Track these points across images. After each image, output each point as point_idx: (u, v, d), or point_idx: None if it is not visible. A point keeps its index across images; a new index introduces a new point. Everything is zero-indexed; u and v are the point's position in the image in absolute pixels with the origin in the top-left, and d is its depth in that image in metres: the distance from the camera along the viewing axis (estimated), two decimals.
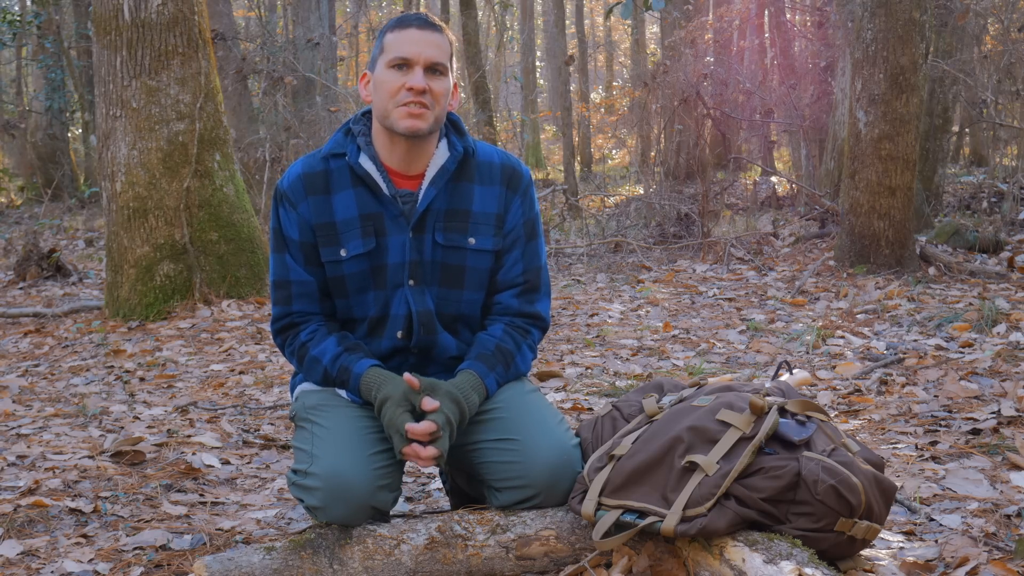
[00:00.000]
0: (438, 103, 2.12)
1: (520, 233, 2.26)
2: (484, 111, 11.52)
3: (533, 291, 2.29)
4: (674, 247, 7.97)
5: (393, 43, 2.12)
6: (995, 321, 4.50)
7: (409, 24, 2.13)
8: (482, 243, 2.22)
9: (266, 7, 14.75)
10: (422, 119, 2.10)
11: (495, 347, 2.22)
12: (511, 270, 2.26)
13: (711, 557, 1.92)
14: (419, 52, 2.10)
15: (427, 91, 2.10)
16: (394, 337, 2.22)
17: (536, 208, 2.30)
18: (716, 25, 13.13)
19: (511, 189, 2.24)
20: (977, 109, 9.38)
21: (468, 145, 2.22)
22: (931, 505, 2.41)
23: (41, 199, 12.96)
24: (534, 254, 2.28)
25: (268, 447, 3.27)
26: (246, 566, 1.94)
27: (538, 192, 10.35)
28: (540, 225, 2.31)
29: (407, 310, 2.20)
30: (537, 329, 2.31)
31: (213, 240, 5.79)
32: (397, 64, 2.11)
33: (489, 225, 2.22)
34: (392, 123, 2.12)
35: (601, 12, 27.67)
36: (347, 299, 2.23)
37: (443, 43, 2.14)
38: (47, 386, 4.29)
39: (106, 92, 5.73)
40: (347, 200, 2.18)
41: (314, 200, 2.19)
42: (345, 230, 2.18)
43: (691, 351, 4.55)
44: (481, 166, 2.23)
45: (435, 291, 2.22)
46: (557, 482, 2.12)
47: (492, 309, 2.28)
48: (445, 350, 2.25)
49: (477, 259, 2.22)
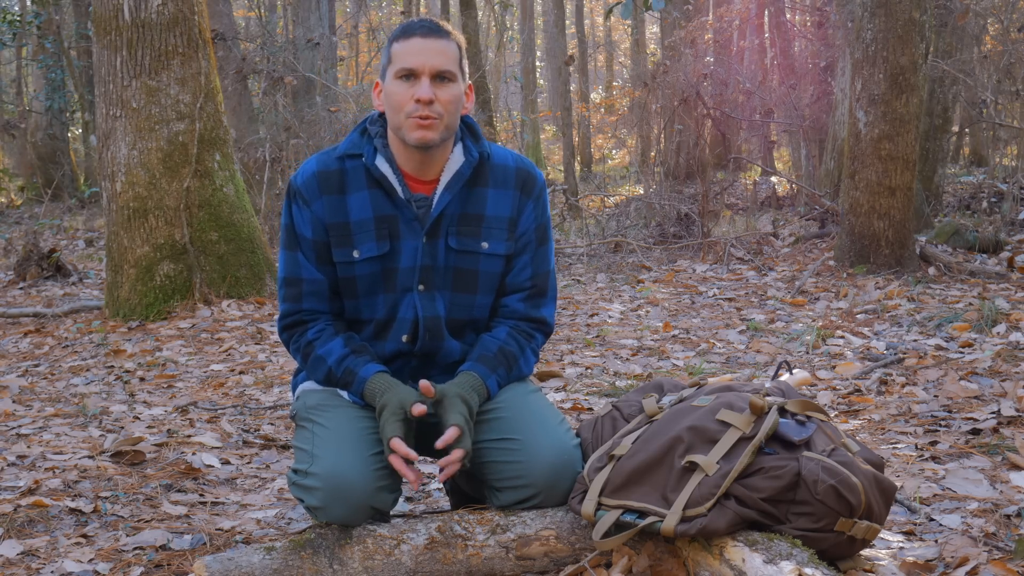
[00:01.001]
0: (448, 112, 2.11)
1: (532, 237, 2.26)
2: (484, 111, 11.51)
3: (540, 296, 2.28)
4: (674, 247, 7.97)
5: (399, 53, 2.11)
6: (995, 321, 4.50)
7: (413, 33, 2.12)
8: (495, 247, 2.22)
9: (266, 7, 14.75)
10: (432, 130, 2.09)
11: (498, 349, 2.22)
12: (520, 274, 2.26)
13: (711, 557, 1.92)
14: (424, 62, 2.08)
15: (435, 100, 2.08)
16: (399, 340, 2.22)
17: (548, 213, 2.30)
18: (716, 25, 13.13)
19: (524, 193, 2.24)
20: (977, 109, 9.38)
21: (484, 150, 2.21)
22: (931, 505, 2.41)
23: (41, 199, 12.96)
24: (544, 259, 2.28)
25: (268, 447, 3.27)
26: (246, 566, 1.94)
27: None
28: (551, 230, 2.31)
29: (414, 315, 2.20)
30: (541, 334, 2.31)
31: (213, 240, 5.79)
32: (404, 75, 2.10)
33: (502, 229, 2.22)
34: (403, 135, 2.12)
35: (601, 12, 27.66)
36: (356, 300, 2.23)
37: (449, 49, 2.12)
38: (47, 386, 4.29)
39: (106, 92, 5.73)
40: (362, 201, 2.17)
41: (328, 199, 2.18)
42: (359, 231, 2.17)
43: (691, 351, 4.55)
44: (495, 169, 2.23)
45: (448, 296, 2.22)
46: (557, 482, 2.12)
47: (498, 312, 2.28)
48: (449, 355, 2.25)
49: (490, 263, 2.22)
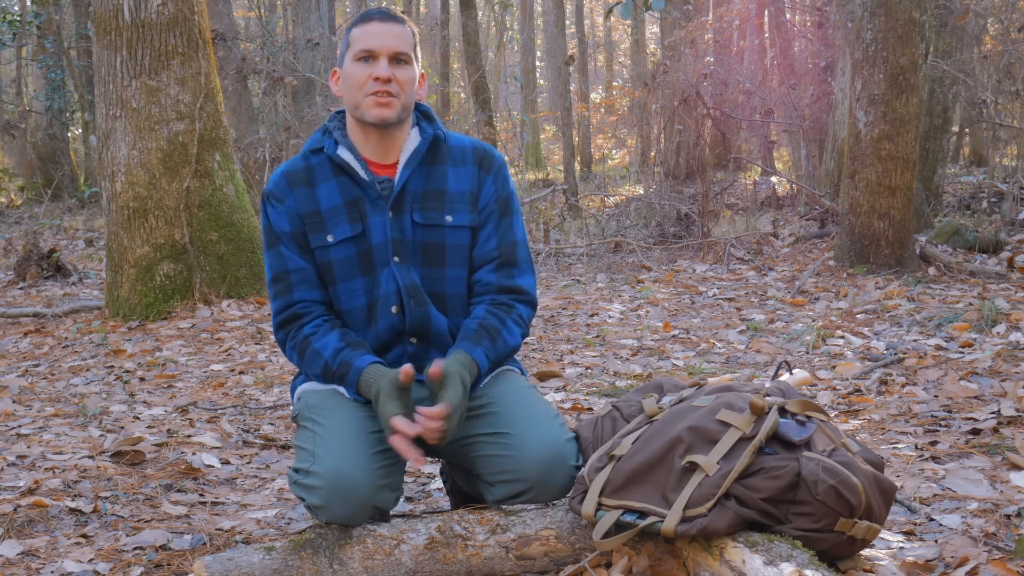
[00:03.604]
0: (404, 91, 2.21)
1: (493, 209, 2.31)
2: (484, 111, 11.52)
3: (510, 265, 2.31)
4: (674, 247, 7.97)
5: (358, 37, 2.22)
6: (995, 321, 4.50)
7: (371, 18, 2.23)
8: (459, 219, 2.27)
9: (266, 7, 14.76)
10: (390, 107, 2.19)
11: (478, 326, 2.24)
12: (485, 244, 2.30)
13: (711, 558, 1.92)
14: (382, 43, 2.19)
15: (392, 80, 2.18)
16: (389, 314, 2.25)
17: (510, 187, 2.35)
18: (716, 25, 13.13)
19: (484, 169, 2.31)
20: (977, 109, 9.38)
21: (439, 130, 2.31)
22: (931, 505, 2.41)
23: (41, 199, 12.96)
24: (508, 229, 2.32)
25: (268, 447, 3.27)
26: (246, 566, 1.94)
27: (538, 192, 10.36)
28: (516, 203, 2.36)
29: (395, 286, 2.24)
30: (521, 304, 2.31)
31: (213, 240, 5.79)
32: (363, 56, 2.20)
33: (465, 203, 2.28)
34: (362, 114, 2.21)
35: (601, 12, 27.67)
36: (335, 287, 2.27)
37: (405, 34, 2.23)
38: (47, 386, 4.29)
39: (106, 92, 5.73)
40: (330, 190, 2.26)
41: (299, 192, 2.26)
42: (331, 217, 2.25)
43: (691, 351, 4.55)
44: (453, 150, 2.31)
45: (418, 271, 2.26)
46: (549, 476, 2.12)
47: (474, 289, 2.31)
48: (438, 325, 2.27)
49: (456, 236, 2.28)
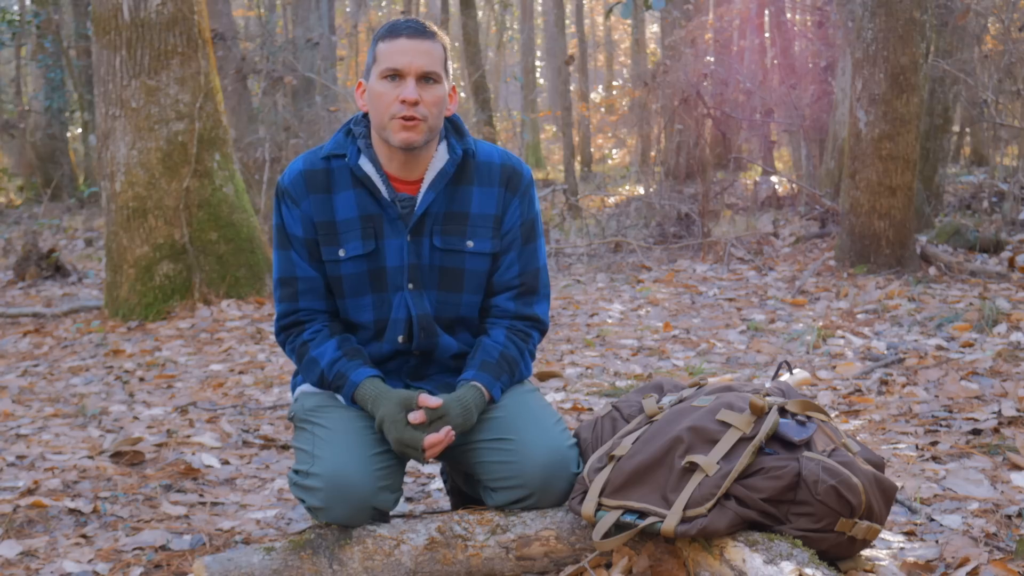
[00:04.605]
0: (432, 113, 2.12)
1: (517, 235, 2.24)
2: (484, 111, 11.51)
3: (531, 294, 2.27)
4: (674, 247, 7.97)
5: (384, 53, 2.12)
6: (996, 321, 4.50)
7: (400, 33, 2.12)
8: (480, 246, 2.21)
9: (266, 7, 14.76)
10: (416, 131, 2.10)
11: (499, 355, 2.20)
12: (507, 272, 2.25)
13: (711, 557, 1.92)
14: (410, 62, 2.09)
15: (420, 102, 2.09)
16: (395, 341, 2.22)
17: (536, 209, 2.28)
18: (716, 25, 13.12)
19: (510, 190, 2.23)
20: (978, 109, 9.37)
21: (468, 147, 2.21)
22: (931, 505, 2.40)
23: (40, 199, 12.95)
24: (532, 256, 2.27)
25: (268, 447, 3.27)
26: (246, 566, 1.93)
27: (538, 192, 10.37)
28: (540, 226, 2.30)
29: (407, 314, 2.20)
30: (536, 332, 2.30)
31: (213, 240, 5.79)
32: (389, 75, 2.11)
33: (487, 227, 2.21)
34: (387, 136, 2.13)
35: (601, 12, 27.66)
36: (343, 300, 2.23)
37: (435, 50, 2.12)
38: (46, 386, 4.28)
39: (105, 92, 5.73)
40: (348, 201, 2.19)
41: (316, 198, 2.19)
42: (345, 230, 2.18)
43: (691, 351, 4.54)
44: (480, 167, 2.22)
45: (434, 295, 2.22)
46: (551, 483, 2.12)
47: (490, 312, 2.27)
48: (446, 350, 2.25)
49: (475, 262, 2.22)
